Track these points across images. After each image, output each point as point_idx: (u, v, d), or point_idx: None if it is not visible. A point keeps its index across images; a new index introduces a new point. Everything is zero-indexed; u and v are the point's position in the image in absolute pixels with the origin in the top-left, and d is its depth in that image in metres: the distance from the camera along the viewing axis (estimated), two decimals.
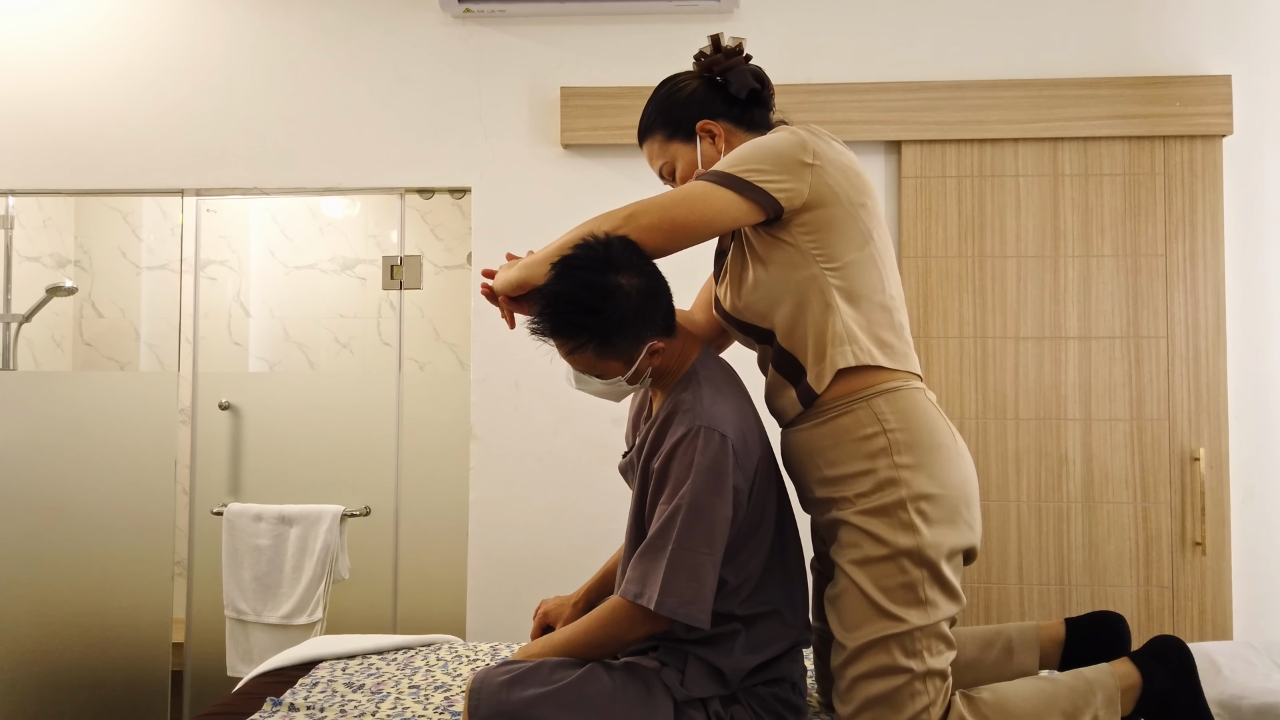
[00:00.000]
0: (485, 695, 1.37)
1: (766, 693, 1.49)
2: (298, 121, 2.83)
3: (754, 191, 1.42)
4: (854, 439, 1.44)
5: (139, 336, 3.66)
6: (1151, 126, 2.62)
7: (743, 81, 1.59)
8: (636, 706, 1.39)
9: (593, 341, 1.41)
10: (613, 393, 1.52)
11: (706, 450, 1.39)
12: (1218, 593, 2.57)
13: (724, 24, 2.74)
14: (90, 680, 2.83)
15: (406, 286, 2.90)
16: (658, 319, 1.45)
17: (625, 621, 1.42)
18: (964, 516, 1.43)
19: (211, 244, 3.60)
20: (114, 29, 2.87)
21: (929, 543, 1.38)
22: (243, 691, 1.87)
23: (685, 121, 1.60)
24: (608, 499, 2.68)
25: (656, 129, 1.63)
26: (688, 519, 1.38)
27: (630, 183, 2.72)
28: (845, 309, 1.45)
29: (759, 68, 1.63)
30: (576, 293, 1.39)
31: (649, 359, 1.46)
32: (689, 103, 1.60)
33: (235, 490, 2.90)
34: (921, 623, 1.38)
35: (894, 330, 1.49)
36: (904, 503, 1.40)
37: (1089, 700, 1.41)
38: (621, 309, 1.39)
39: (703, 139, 1.59)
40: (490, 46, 2.80)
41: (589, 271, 1.39)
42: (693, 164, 1.59)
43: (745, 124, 1.60)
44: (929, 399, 1.49)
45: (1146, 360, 2.63)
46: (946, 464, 1.43)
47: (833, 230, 1.45)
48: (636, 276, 1.41)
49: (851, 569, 1.42)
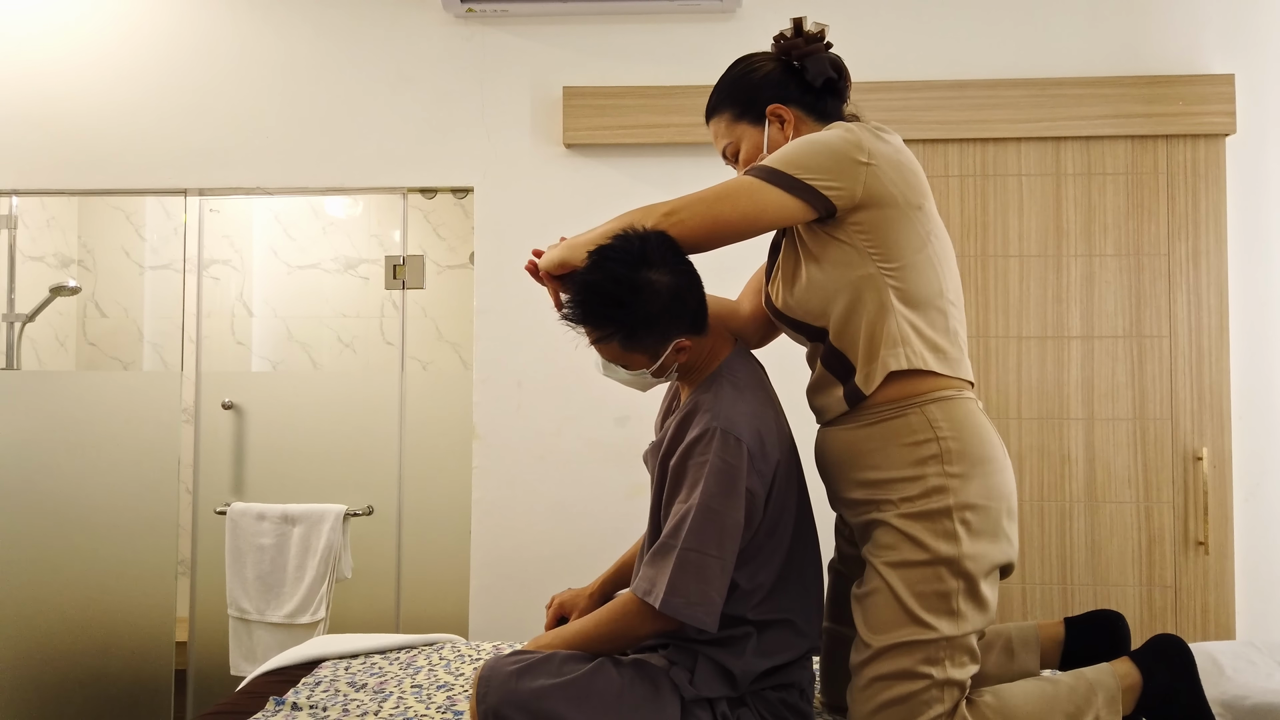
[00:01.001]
0: (494, 683, 1.37)
1: (775, 698, 1.49)
2: (301, 121, 2.84)
3: (804, 190, 1.38)
4: (904, 443, 1.42)
5: (142, 336, 3.66)
6: (1154, 126, 2.62)
7: (820, 69, 1.54)
8: (644, 703, 1.40)
9: (619, 334, 1.43)
10: (639, 383, 1.53)
11: (722, 453, 1.39)
12: (1220, 592, 2.57)
13: (726, 24, 2.74)
14: (94, 679, 2.83)
15: (409, 286, 2.91)
16: (686, 317, 1.45)
17: (635, 618, 1.43)
18: (1005, 531, 1.42)
19: (215, 243, 3.59)
20: (117, 29, 2.88)
21: (969, 554, 1.37)
22: (246, 690, 1.88)
23: (756, 103, 1.55)
24: (610, 498, 2.69)
25: (725, 107, 1.58)
26: (698, 521, 1.38)
27: (633, 183, 2.72)
28: (902, 310, 1.42)
29: (838, 57, 1.57)
30: (607, 285, 1.40)
31: (675, 355, 1.47)
32: (762, 84, 1.55)
33: (238, 489, 2.91)
34: (950, 633, 1.37)
35: (949, 335, 1.46)
36: (950, 511, 1.38)
37: (1090, 701, 1.40)
38: (650, 305, 1.40)
39: (771, 123, 1.54)
40: (493, 46, 2.80)
41: (622, 265, 1.39)
42: (758, 147, 1.55)
43: (817, 113, 1.55)
44: (979, 409, 1.47)
45: (1149, 360, 2.62)
46: (995, 476, 1.42)
47: (889, 231, 1.42)
48: (668, 274, 1.41)
49: (886, 570, 1.41)
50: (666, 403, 1.70)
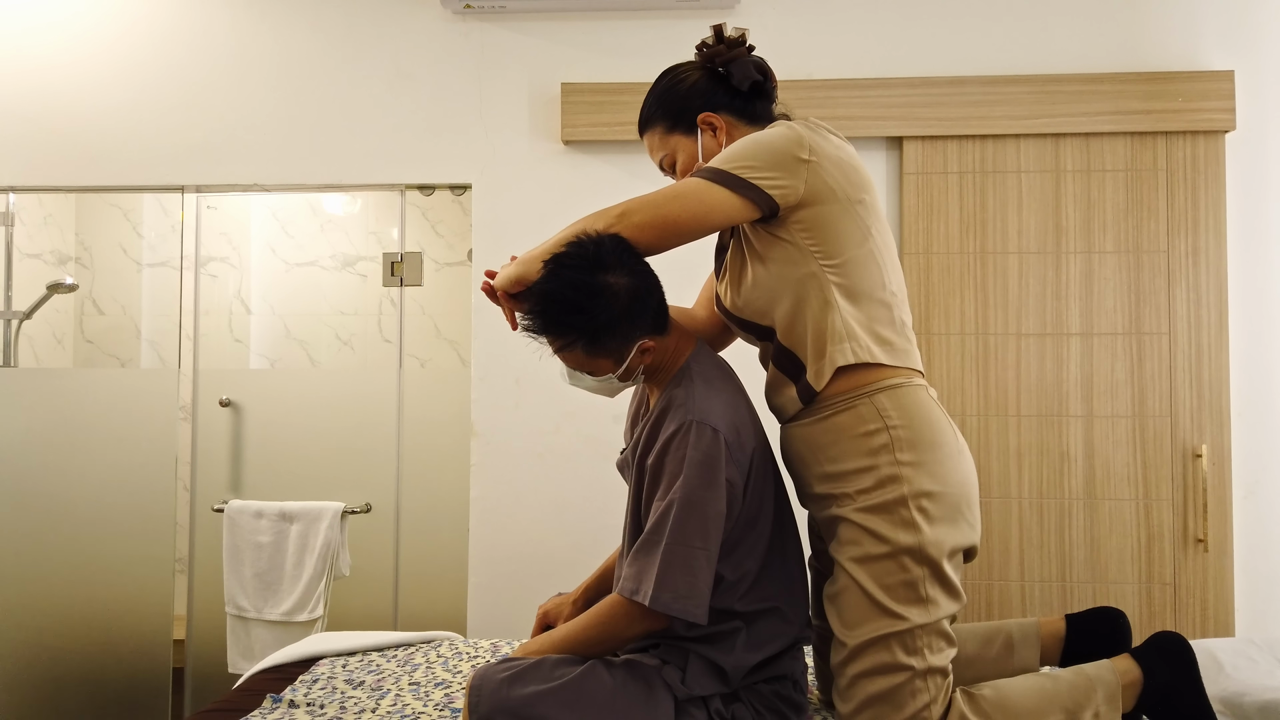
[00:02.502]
0: (485, 692, 1.37)
1: (768, 690, 1.49)
2: (298, 118, 2.83)
3: (749, 189, 1.41)
4: (855, 435, 1.44)
5: (140, 333, 3.66)
6: (1154, 122, 2.61)
7: (745, 73, 1.57)
8: (637, 704, 1.39)
9: (581, 340, 1.42)
10: (606, 389, 1.52)
11: (699, 445, 1.39)
12: (1220, 589, 2.57)
13: (725, 19, 2.72)
14: (91, 677, 2.83)
15: (407, 283, 2.90)
16: (647, 318, 1.45)
17: (623, 619, 1.42)
18: (965, 515, 1.43)
19: (212, 241, 3.60)
20: (114, 25, 2.87)
21: (930, 540, 1.38)
22: (242, 688, 1.87)
23: (686, 113, 1.58)
24: (608, 495, 2.68)
25: (657, 120, 1.62)
26: (681, 514, 1.38)
27: (631, 179, 2.72)
28: (845, 306, 1.44)
29: (761, 59, 1.61)
30: (565, 292, 1.39)
31: (640, 357, 1.47)
32: (690, 94, 1.58)
33: (236, 487, 2.90)
34: (922, 620, 1.38)
35: (894, 327, 1.48)
36: (905, 500, 1.39)
37: (1090, 697, 1.40)
38: (610, 308, 1.40)
39: (704, 131, 1.57)
40: (491, 42, 2.80)
41: (578, 271, 1.39)
42: (693, 156, 1.58)
43: (747, 116, 1.59)
44: (931, 396, 1.48)
45: (1148, 357, 2.62)
46: (948, 461, 1.43)
47: (830, 227, 1.44)
48: (626, 276, 1.41)
49: (852, 566, 1.42)
50: (634, 408, 1.69)
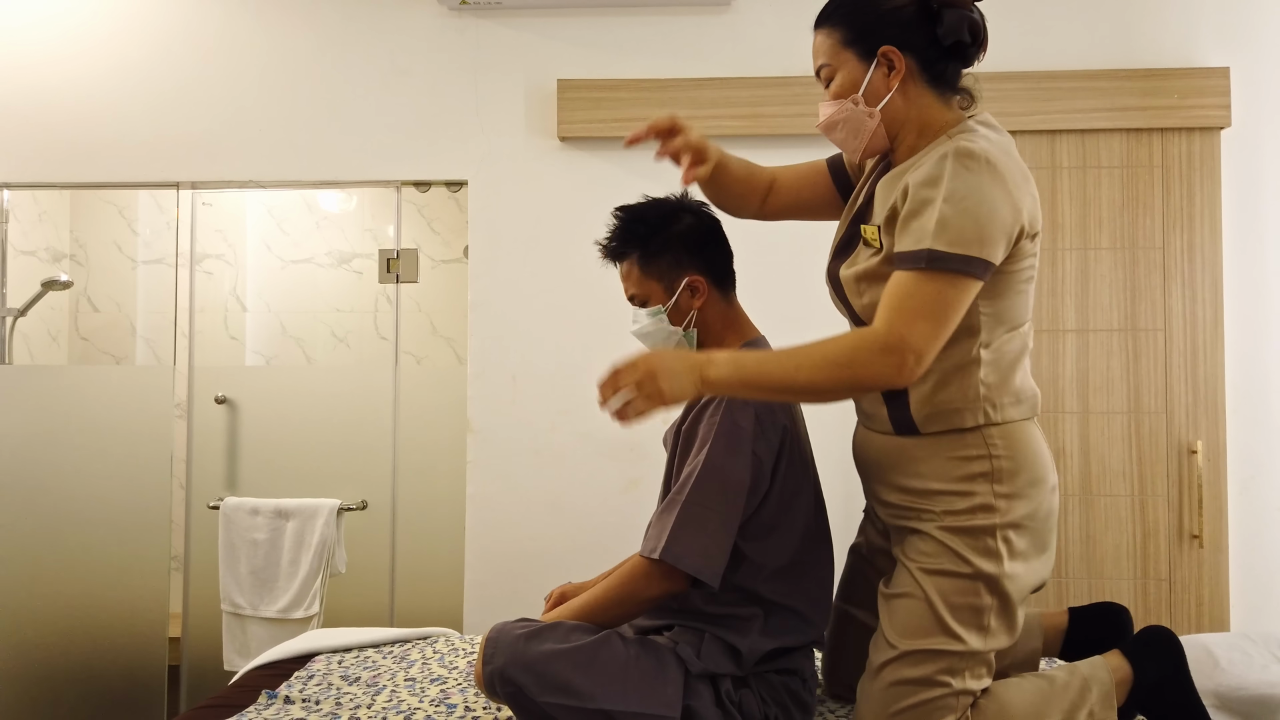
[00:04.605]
0: (502, 644, 1.39)
1: (778, 681, 1.50)
2: (293, 114, 2.82)
3: (985, 270, 1.28)
4: (952, 457, 1.39)
5: (135, 331, 3.65)
6: (1149, 119, 2.61)
7: (956, 26, 1.34)
8: (648, 675, 1.41)
9: (638, 250, 1.57)
10: (659, 333, 1.58)
11: (730, 415, 1.45)
12: (1215, 585, 2.57)
13: (721, 17, 2.73)
14: (87, 674, 2.82)
15: (403, 280, 2.89)
16: (703, 258, 1.58)
17: (642, 579, 1.45)
18: (1046, 550, 1.42)
19: (207, 238, 3.59)
20: (108, 21, 2.86)
21: (1008, 574, 1.36)
22: (238, 684, 1.87)
23: (873, 36, 1.37)
24: (605, 492, 2.68)
25: (838, 25, 1.40)
26: (702, 477, 1.43)
27: (628, 176, 2.71)
28: (987, 358, 1.37)
29: (981, 22, 1.38)
30: (642, 207, 1.61)
31: (689, 298, 1.57)
32: (888, 17, 1.36)
33: (232, 484, 2.89)
34: (978, 647, 1.37)
35: (1024, 369, 1.42)
36: (994, 529, 1.36)
37: (1084, 697, 1.41)
38: (670, 226, 1.57)
39: (879, 64, 1.37)
40: (487, 39, 2.79)
41: (660, 201, 1.61)
42: (855, 86, 1.38)
43: (932, 75, 1.38)
44: (1039, 432, 1.44)
45: (1144, 353, 2.62)
46: (1044, 499, 1.41)
47: (1006, 293, 1.36)
48: (694, 217, 1.60)
49: (923, 576, 1.39)
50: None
